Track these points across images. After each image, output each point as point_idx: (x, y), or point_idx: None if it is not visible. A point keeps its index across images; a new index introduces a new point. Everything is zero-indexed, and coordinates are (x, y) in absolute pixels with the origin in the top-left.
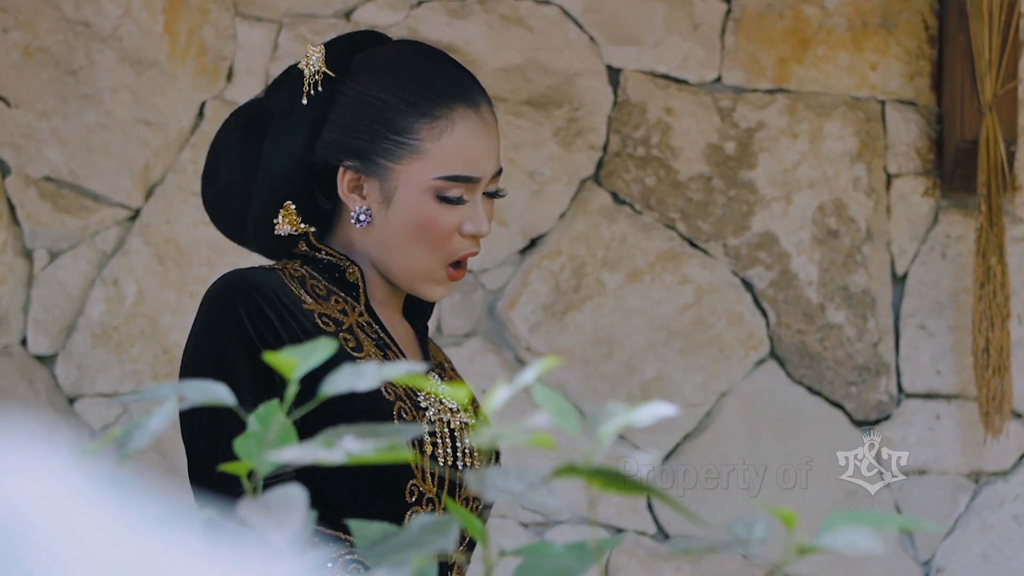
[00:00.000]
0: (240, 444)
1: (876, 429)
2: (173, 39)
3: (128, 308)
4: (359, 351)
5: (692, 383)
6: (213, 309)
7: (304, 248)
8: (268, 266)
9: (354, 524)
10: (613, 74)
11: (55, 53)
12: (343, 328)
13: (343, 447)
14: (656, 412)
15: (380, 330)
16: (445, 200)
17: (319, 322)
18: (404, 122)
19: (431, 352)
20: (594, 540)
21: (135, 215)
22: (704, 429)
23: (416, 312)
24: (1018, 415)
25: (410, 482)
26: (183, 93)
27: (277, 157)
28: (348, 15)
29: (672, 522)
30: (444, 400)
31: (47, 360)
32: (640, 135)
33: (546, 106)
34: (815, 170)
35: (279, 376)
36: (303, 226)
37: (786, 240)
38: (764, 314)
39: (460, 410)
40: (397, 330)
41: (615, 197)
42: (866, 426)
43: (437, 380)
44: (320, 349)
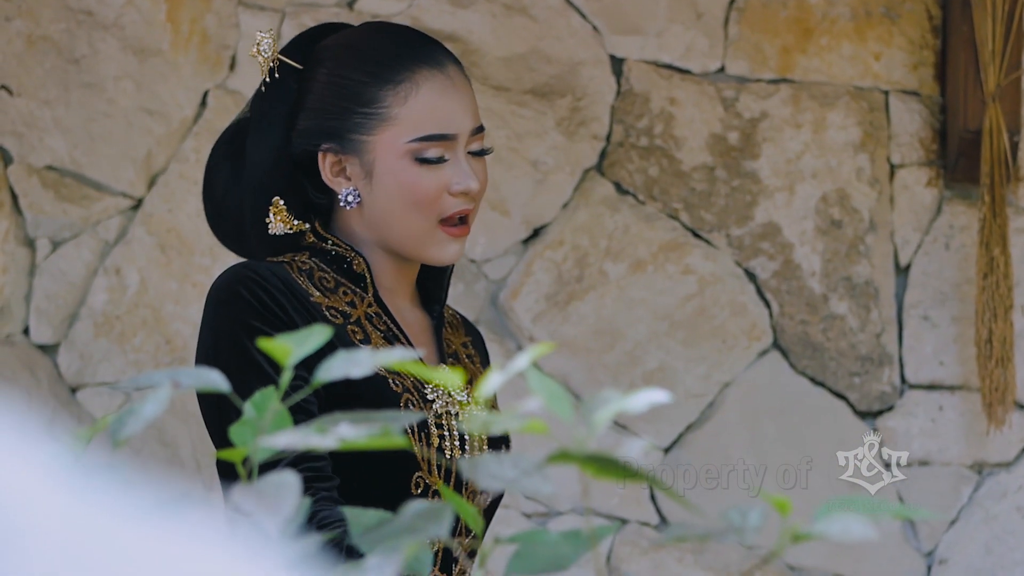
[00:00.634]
0: (235, 431)
1: (879, 419)
2: (176, 28)
3: (130, 297)
4: (367, 344)
5: (695, 374)
6: (221, 299)
7: (312, 239)
8: (276, 259)
9: (349, 511)
10: (616, 64)
11: (57, 41)
12: (351, 320)
13: (336, 433)
14: (650, 399)
15: (389, 321)
16: (424, 161)
17: (327, 315)
18: (370, 93)
19: (449, 340)
20: (588, 528)
21: (137, 204)
22: (707, 420)
23: (432, 299)
24: (1021, 406)
25: (416, 474)
26: (186, 82)
27: (257, 155)
28: (351, 4)
29: (675, 513)
30: (453, 392)
31: (49, 349)
32: (643, 125)
33: (549, 96)
34: (818, 160)
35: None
36: (296, 223)
37: (789, 230)
38: (767, 305)
39: (470, 402)
40: (408, 319)
41: (618, 187)
42: (869, 417)
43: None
44: (315, 336)
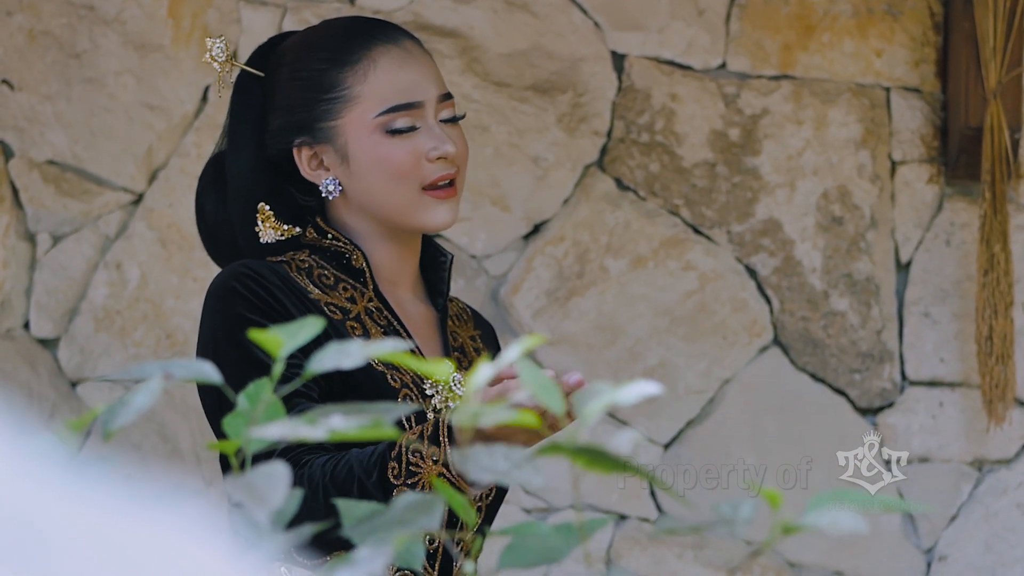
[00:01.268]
0: (229, 422)
1: (879, 416)
2: (177, 23)
3: (131, 292)
4: (366, 339)
5: (695, 370)
6: (219, 295)
7: (313, 236)
8: (275, 259)
9: (341, 503)
10: (618, 60)
11: (59, 36)
12: (351, 316)
13: (326, 424)
14: (640, 391)
15: (390, 315)
16: (395, 132)
17: (327, 311)
18: (330, 79)
19: (456, 333)
20: (579, 521)
21: (138, 199)
22: (707, 416)
23: (435, 292)
24: (1021, 403)
25: None
26: (187, 77)
27: (236, 166)
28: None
29: (675, 508)
30: (455, 387)
31: (50, 344)
32: (644, 121)
33: (550, 91)
34: (819, 157)
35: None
36: (287, 228)
37: (790, 227)
38: (768, 301)
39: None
40: (410, 313)
41: (619, 183)
42: (869, 414)
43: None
44: (308, 327)
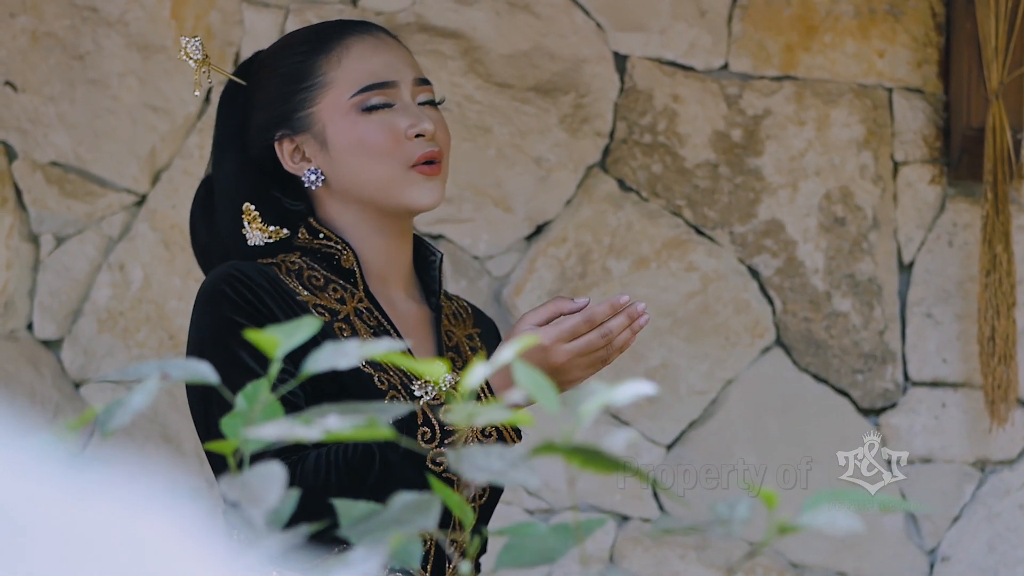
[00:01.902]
0: (227, 423)
1: (882, 417)
2: (180, 24)
3: (134, 293)
4: (355, 338)
5: (698, 371)
6: (206, 298)
7: (305, 236)
8: (265, 261)
9: (339, 503)
10: (620, 61)
11: (62, 38)
12: (339, 318)
13: (322, 424)
14: (635, 390)
15: (380, 315)
16: (370, 109)
17: (314, 312)
18: (305, 69)
19: (451, 332)
20: (575, 521)
21: (141, 200)
22: (710, 417)
23: (430, 291)
24: None
25: None
26: (190, 79)
27: (222, 170)
28: (355, 1)
29: (677, 509)
30: (442, 386)
31: (53, 345)
32: (646, 122)
33: (552, 92)
34: (822, 157)
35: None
36: (272, 230)
37: (792, 228)
38: (770, 302)
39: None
40: (402, 312)
41: (621, 184)
42: (872, 414)
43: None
44: (304, 327)
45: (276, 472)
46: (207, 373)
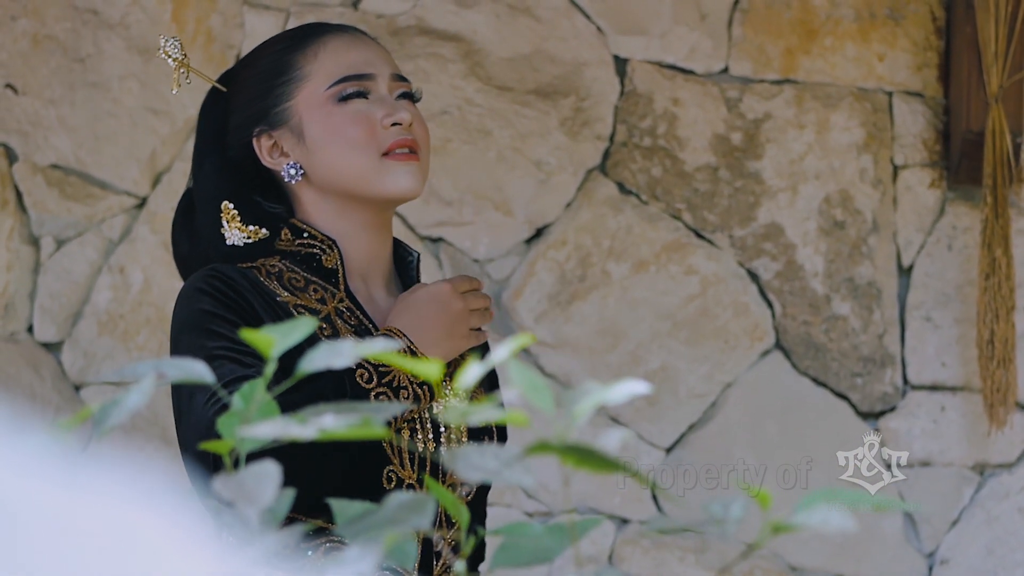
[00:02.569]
0: (223, 422)
1: (881, 420)
2: (181, 27)
3: (134, 296)
4: (336, 339)
5: (697, 374)
6: (186, 295)
7: (287, 237)
8: (245, 265)
9: (335, 503)
10: (620, 64)
11: (63, 41)
12: (320, 317)
13: (317, 423)
14: (630, 390)
15: (360, 315)
16: (346, 99)
17: (295, 312)
18: (283, 64)
19: None
20: (570, 521)
21: (142, 203)
22: (709, 420)
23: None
24: (1023, 407)
25: (387, 468)
26: (193, 82)
27: (202, 172)
28: (355, 4)
29: (676, 511)
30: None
31: (53, 347)
32: (647, 125)
33: (553, 96)
34: (821, 161)
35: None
36: (251, 229)
37: (792, 231)
38: (770, 305)
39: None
40: (382, 311)
41: (621, 187)
42: (871, 417)
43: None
44: (300, 327)
45: (271, 472)
46: (203, 373)
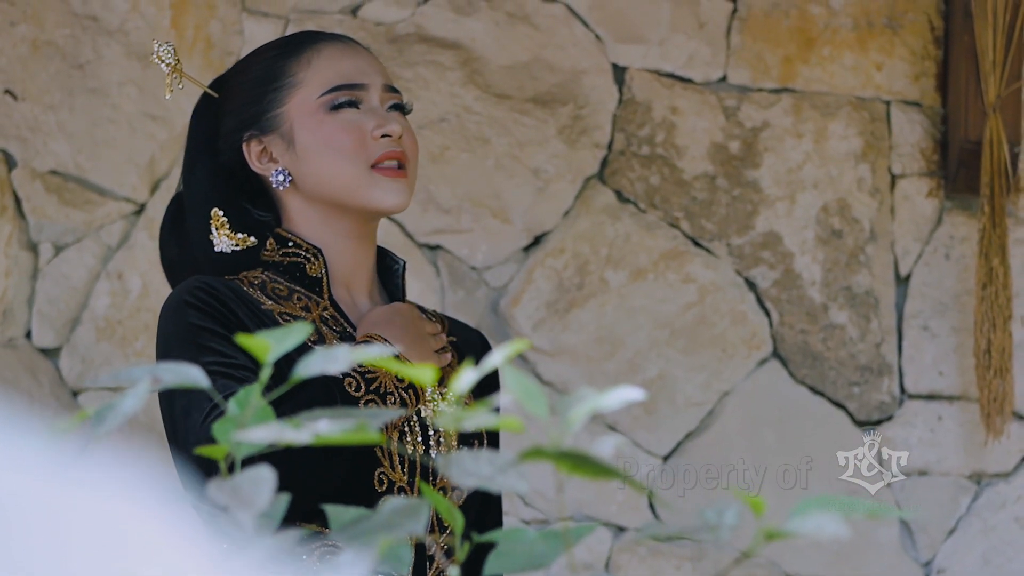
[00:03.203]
0: (219, 427)
1: (878, 430)
2: (180, 34)
3: (132, 302)
4: (321, 345)
5: (694, 382)
6: (171, 307)
7: (272, 247)
8: (229, 278)
9: (330, 508)
10: (618, 72)
11: (62, 47)
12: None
13: (311, 428)
14: (624, 396)
15: (345, 322)
16: (337, 108)
17: (280, 320)
18: (276, 70)
19: None
20: (565, 527)
21: (140, 209)
22: (706, 428)
23: (392, 300)
24: (1020, 416)
25: (378, 470)
26: (189, 88)
27: (193, 177)
28: (355, 11)
29: (673, 519)
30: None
31: (51, 353)
32: (645, 133)
33: (551, 104)
34: (819, 170)
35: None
36: (240, 237)
37: (790, 240)
38: (767, 314)
39: (435, 398)
40: None
41: (619, 195)
42: (868, 426)
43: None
44: (295, 333)
45: (266, 476)
46: (198, 377)
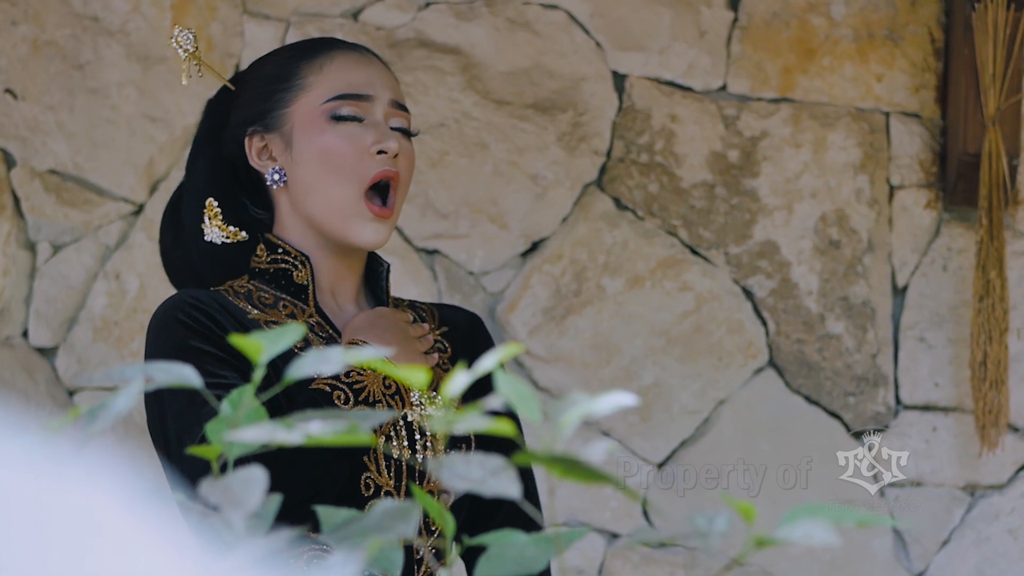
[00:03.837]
0: (212, 428)
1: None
2: None
3: (129, 302)
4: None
5: (690, 390)
6: (159, 325)
7: (261, 253)
8: (215, 288)
9: (322, 510)
10: (618, 80)
11: (63, 47)
12: None
13: (303, 429)
14: (616, 401)
15: (331, 329)
16: (339, 119)
17: (265, 328)
18: (288, 71)
19: None
20: (555, 532)
21: (139, 210)
22: (701, 436)
23: (378, 302)
24: (1014, 428)
25: (364, 475)
26: (189, 89)
27: (195, 167)
28: (356, 15)
29: (667, 526)
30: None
31: (48, 352)
32: (644, 141)
33: (551, 110)
34: (818, 180)
35: (242, 362)
36: (231, 230)
37: (787, 249)
38: (764, 323)
39: (422, 403)
40: None
41: (617, 202)
42: (866, 432)
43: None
44: (288, 334)
45: (257, 476)
46: (190, 376)
